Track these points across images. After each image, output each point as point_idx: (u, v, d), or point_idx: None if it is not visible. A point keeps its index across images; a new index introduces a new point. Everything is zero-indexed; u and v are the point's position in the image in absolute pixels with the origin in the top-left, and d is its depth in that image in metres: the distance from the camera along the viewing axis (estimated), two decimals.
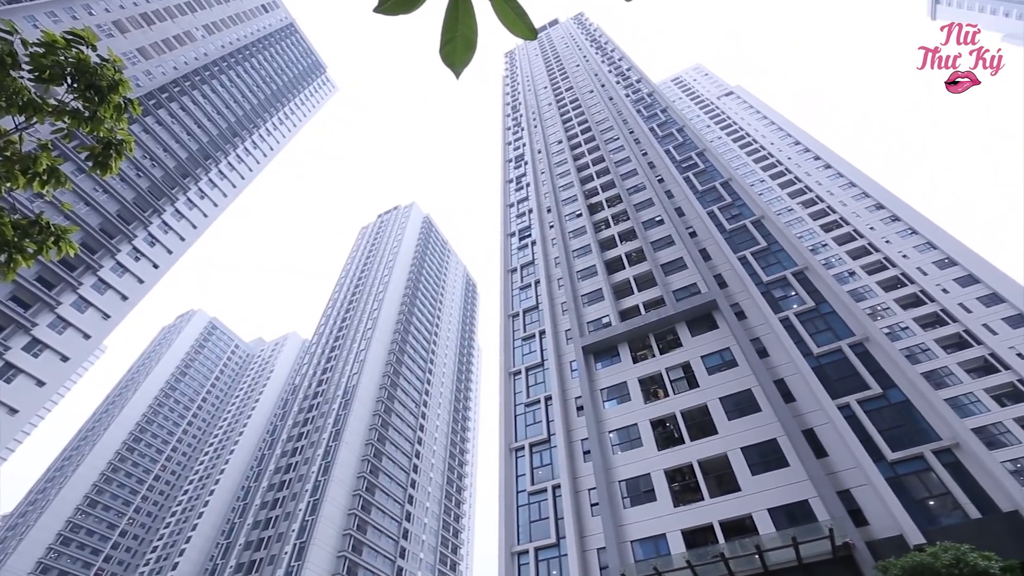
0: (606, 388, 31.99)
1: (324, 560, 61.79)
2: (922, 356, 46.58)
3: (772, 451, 24.43)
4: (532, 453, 31.47)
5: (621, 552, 23.94)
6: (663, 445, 27.58)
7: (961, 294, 49.10)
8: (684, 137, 51.88)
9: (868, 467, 21.57)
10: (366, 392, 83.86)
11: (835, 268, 57.28)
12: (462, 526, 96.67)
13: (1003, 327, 45.12)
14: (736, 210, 39.74)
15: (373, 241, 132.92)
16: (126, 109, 5.80)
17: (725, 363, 29.35)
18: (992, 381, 42.49)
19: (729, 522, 23.20)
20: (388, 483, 78.32)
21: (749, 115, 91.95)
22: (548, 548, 26.69)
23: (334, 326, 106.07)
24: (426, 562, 79.94)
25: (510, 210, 57.42)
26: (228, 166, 75.65)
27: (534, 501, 29.05)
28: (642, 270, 38.50)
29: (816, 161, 73.93)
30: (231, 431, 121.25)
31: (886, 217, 60.46)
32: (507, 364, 38.14)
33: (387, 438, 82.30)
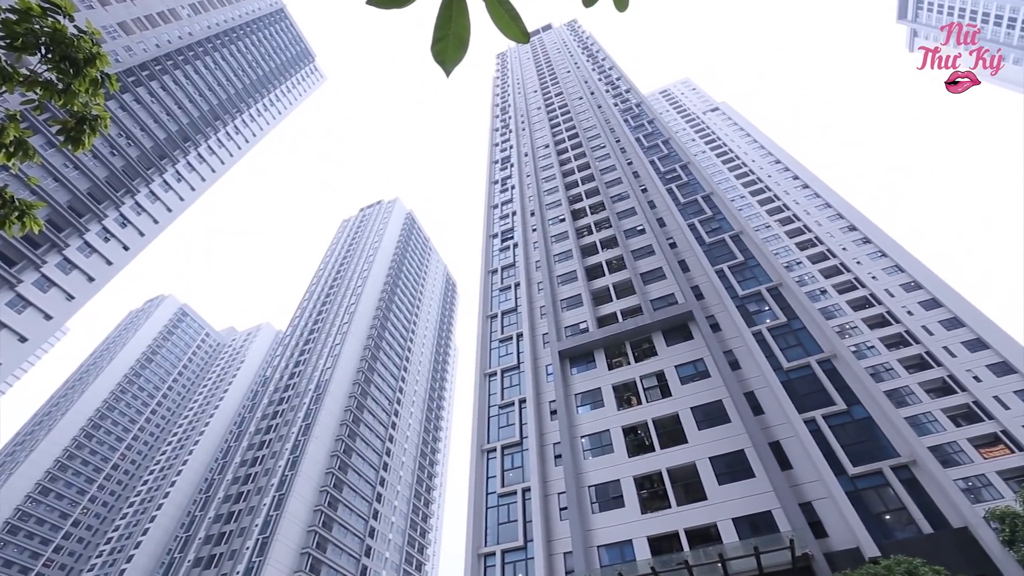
0: (580, 393, 32.19)
1: (287, 556, 60.64)
2: (886, 375, 48.08)
3: (739, 462, 24.89)
4: (504, 455, 31.45)
5: (588, 557, 24.07)
6: (634, 452, 27.86)
7: (925, 317, 50.86)
8: (669, 149, 52.64)
9: (830, 481, 22.15)
10: (339, 387, 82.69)
11: (808, 286, 58.77)
12: (430, 526, 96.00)
13: (962, 350, 46.89)
14: (716, 224, 40.46)
15: (354, 235, 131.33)
16: (103, 84, 5.61)
17: (698, 373, 29.82)
18: (949, 402, 44.13)
19: (694, 530, 23.54)
20: (357, 480, 77.31)
21: (733, 132, 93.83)
22: (515, 551, 26.69)
23: (309, 319, 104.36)
24: (392, 561, 79.11)
25: (494, 211, 57.39)
26: (208, 150, 73.87)
27: (503, 503, 29.03)
28: (621, 278, 38.87)
29: (795, 181, 75.81)
30: (196, 421, 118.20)
31: (858, 239, 62.31)
32: (483, 365, 38.07)
33: (358, 435, 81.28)
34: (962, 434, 41.91)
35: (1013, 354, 44.35)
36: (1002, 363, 44.54)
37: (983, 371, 44.79)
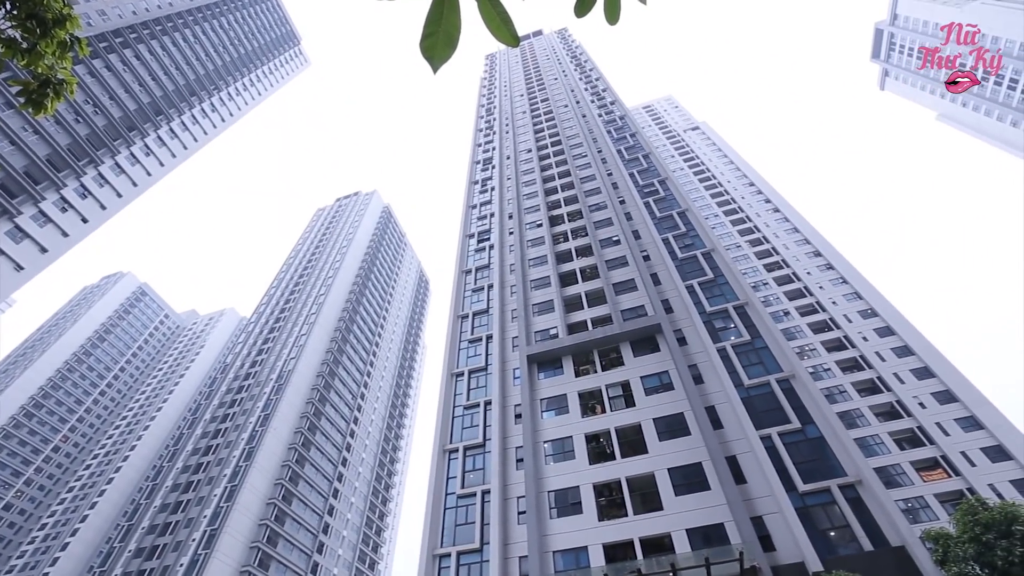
0: (546, 399, 32.32)
1: (235, 550, 58.81)
2: (839, 397, 49.95)
3: (696, 474, 25.41)
4: (466, 456, 31.30)
5: (543, 562, 24.15)
6: (595, 460, 28.12)
7: (878, 343, 53.08)
8: (649, 163, 53.54)
9: (781, 496, 22.85)
10: (302, 378, 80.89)
11: (772, 306, 60.61)
12: (386, 524, 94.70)
13: (910, 377, 49.13)
14: (689, 240, 41.32)
15: (328, 224, 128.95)
16: (71, 47, 5.35)
17: (663, 386, 30.35)
18: (896, 426, 46.15)
19: (649, 539, 23.90)
20: (314, 475, 75.68)
21: (711, 151, 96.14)
22: (471, 553, 26.56)
23: (276, 306, 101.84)
24: (344, 559, 77.65)
25: (472, 211, 57.24)
26: (181, 126, 71.40)
27: (462, 504, 28.87)
28: (594, 287, 39.27)
29: (766, 204, 78.15)
30: (148, 406, 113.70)
31: (822, 264, 64.63)
32: (451, 365, 37.84)
33: (318, 428, 79.62)
34: (905, 457, 43.87)
35: (956, 384, 46.69)
36: (945, 391, 46.84)
37: (928, 399, 47.00)
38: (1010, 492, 38.89)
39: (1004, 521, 20.78)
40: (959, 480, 41.10)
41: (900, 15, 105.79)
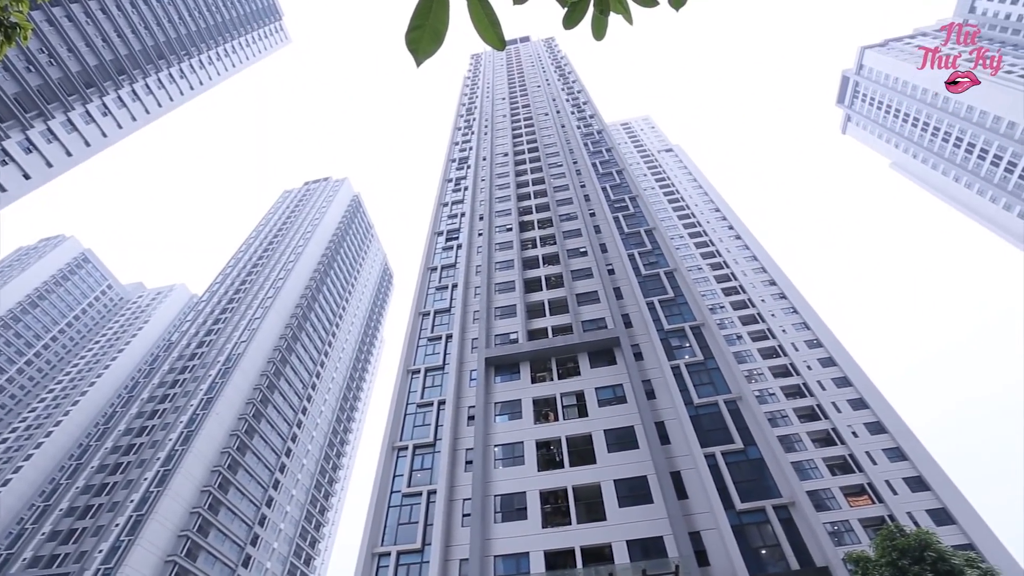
0: (501, 403, 32.33)
1: (162, 537, 55.97)
2: (781, 421, 52.10)
3: (641, 487, 25.94)
4: (415, 455, 30.90)
5: (483, 566, 24.07)
6: (544, 467, 28.31)
7: (821, 373, 55.73)
8: (621, 179, 54.57)
9: (719, 513, 23.59)
10: (252, 363, 78.09)
11: (726, 329, 62.73)
12: (326, 519, 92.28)
13: (846, 407, 51.79)
14: (654, 258, 42.29)
15: (294, 207, 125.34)
16: None
17: (616, 398, 30.86)
18: (829, 452, 48.51)
19: (590, 548, 24.20)
20: (255, 464, 73.03)
21: (682, 174, 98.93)
22: (411, 553, 26.19)
23: (231, 287, 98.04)
24: (279, 552, 75.13)
25: (443, 209, 56.84)
26: (145, 89, 67.95)
27: (406, 503, 28.46)
28: (558, 295, 39.64)
29: (730, 230, 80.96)
30: (80, 379, 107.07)
31: (776, 293, 67.39)
32: (408, 361, 37.36)
33: (264, 416, 76.97)
34: (836, 482, 46.15)
35: (886, 416, 49.51)
36: (877, 423, 49.60)
37: (861, 428, 49.65)
38: (926, 520, 41.46)
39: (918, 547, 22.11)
40: (882, 507, 43.52)
41: (866, 66, 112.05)
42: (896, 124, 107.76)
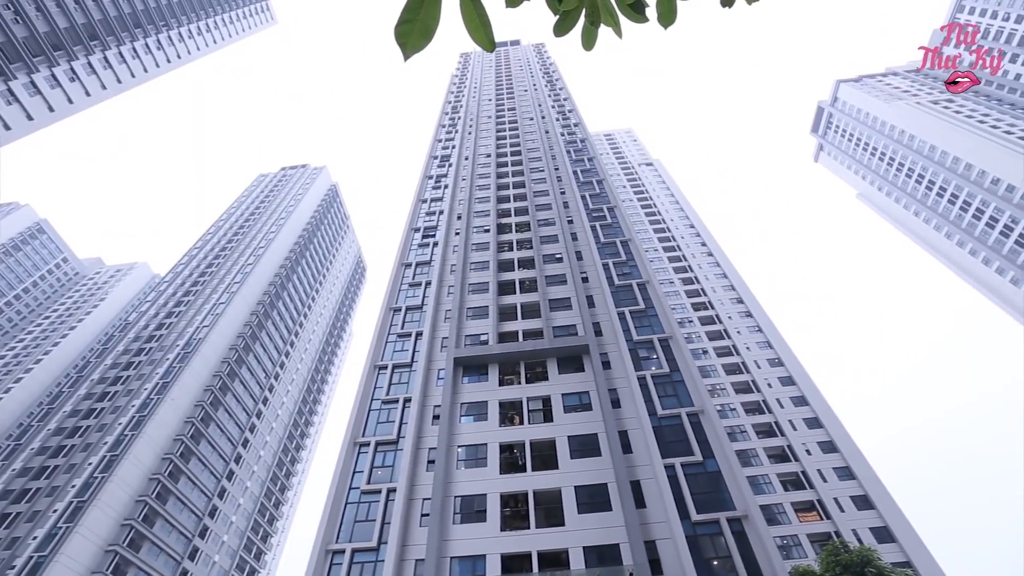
0: (467, 403, 32.23)
1: (104, 526, 53.61)
2: (740, 436, 53.47)
3: (601, 494, 26.20)
4: (376, 451, 30.48)
5: (439, 567, 23.89)
6: (506, 470, 28.31)
7: (780, 391, 57.46)
8: (601, 189, 55.21)
9: (675, 524, 24.02)
10: (213, 349, 75.74)
11: (693, 343, 64.08)
12: (281, 514, 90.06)
13: (802, 426, 53.53)
14: (627, 269, 42.90)
15: (269, 192, 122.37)
16: None
17: (582, 405, 31.14)
18: (783, 468, 50.04)
19: (547, 554, 24.30)
20: (209, 453, 70.74)
21: (660, 189, 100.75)
22: (367, 551, 25.78)
23: (197, 268, 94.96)
24: (229, 546, 72.88)
25: (422, 205, 56.42)
26: (118, 57, 65.29)
27: (365, 501, 28.02)
28: (531, 299, 39.79)
29: (702, 247, 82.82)
30: (25, 356, 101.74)
31: (743, 311, 69.22)
32: (375, 356, 36.88)
33: (223, 404, 74.70)
34: (788, 498, 47.62)
35: (839, 436, 51.38)
36: (829, 442, 51.43)
37: (814, 447, 51.39)
38: (869, 538, 43.16)
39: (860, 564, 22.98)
40: (829, 523, 45.11)
41: (840, 99, 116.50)
42: (864, 157, 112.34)
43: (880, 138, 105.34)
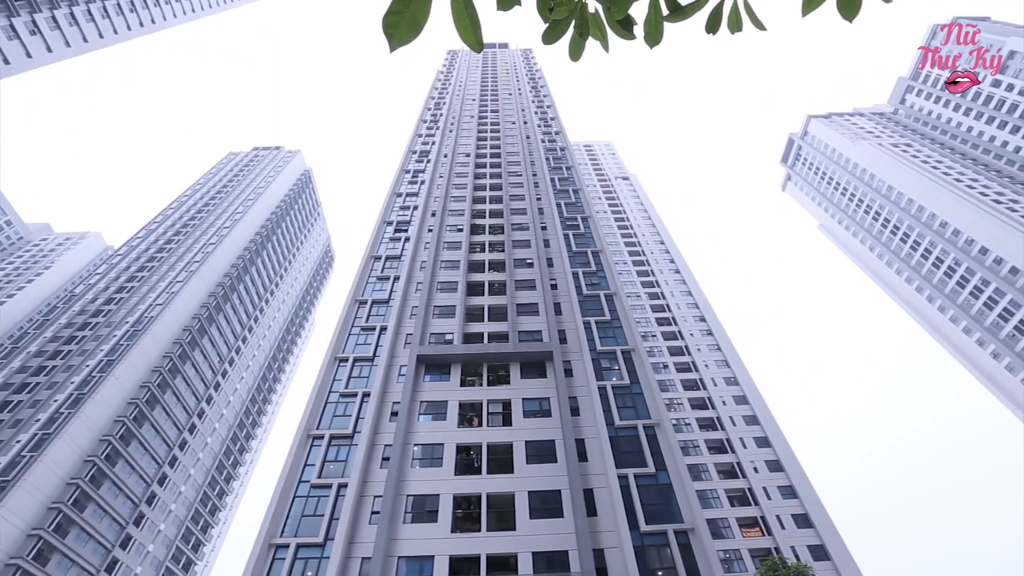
0: (427, 402, 31.95)
1: (29, 509, 50.48)
2: (692, 451, 54.79)
3: (554, 501, 26.37)
4: (330, 445, 29.82)
5: (385, 566, 23.52)
6: (461, 471, 28.17)
7: (734, 409, 59.22)
8: (577, 199, 55.83)
9: (624, 533, 24.39)
10: (165, 329, 72.60)
11: (654, 357, 65.37)
12: (224, 504, 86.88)
13: (751, 444, 55.30)
14: (596, 280, 43.47)
15: (239, 171, 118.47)
16: None
17: (541, 411, 31.32)
18: (731, 484, 51.53)
19: (496, 557, 24.26)
20: (152, 436, 67.64)
21: (635, 203, 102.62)
22: (312, 547, 25.15)
23: (154, 244, 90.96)
24: (166, 535, 69.78)
25: (396, 199, 55.75)
26: (86, 15, 62.14)
27: (314, 495, 27.36)
28: (499, 302, 39.82)
29: (671, 264, 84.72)
30: None
31: (704, 329, 71.09)
32: (337, 348, 36.14)
33: (172, 386, 71.63)
34: (733, 513, 49.06)
35: (785, 456, 53.31)
36: (776, 461, 53.28)
37: (762, 465, 53.15)
38: (806, 555, 44.88)
39: None
40: (770, 539, 46.69)
41: (810, 132, 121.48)
42: (828, 190, 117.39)
43: (843, 174, 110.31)
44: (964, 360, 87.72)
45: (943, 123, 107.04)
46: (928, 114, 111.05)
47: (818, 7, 3.26)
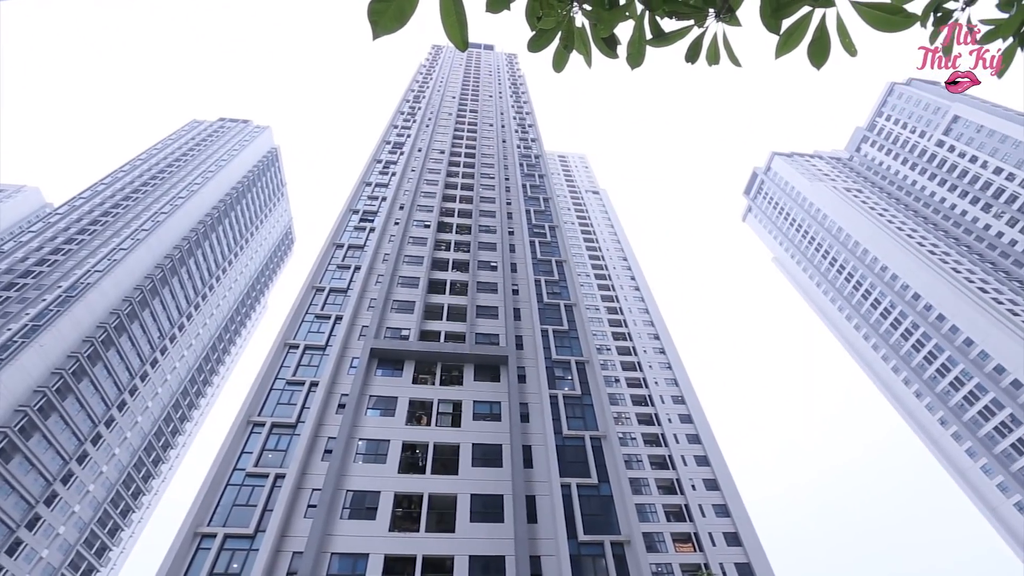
0: (376, 396, 31.37)
1: None
2: (635, 465, 55.99)
3: (495, 505, 26.35)
4: (270, 434, 28.78)
5: (317, 562, 22.84)
6: (405, 469, 27.77)
7: (679, 427, 60.95)
8: (547, 207, 56.35)
9: (562, 542, 24.62)
10: (102, 298, 68.34)
11: (607, 370, 66.54)
12: (149, 487, 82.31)
13: (692, 461, 57.04)
14: (558, 289, 43.95)
15: (201, 140, 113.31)
16: None
17: (491, 415, 31.29)
18: (670, 500, 52.95)
19: (432, 559, 23.99)
20: (76, 412, 63.39)
21: (602, 218, 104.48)
22: (240, 538, 24.14)
23: (100, 206, 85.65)
24: (81, 517, 65.43)
25: (365, 188, 54.70)
26: None
27: (248, 484, 26.30)
28: (459, 302, 39.63)
29: (631, 280, 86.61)
30: None
31: (657, 347, 72.95)
32: (288, 333, 35.01)
33: (103, 359, 67.40)
34: (669, 528, 50.41)
35: (722, 475, 55.24)
36: (713, 480, 55.13)
37: (699, 483, 54.87)
38: (733, 572, 46.62)
39: None
40: (701, 555, 48.21)
41: (773, 168, 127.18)
42: (784, 225, 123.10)
43: (799, 211, 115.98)
44: (891, 397, 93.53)
45: (891, 174, 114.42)
46: (879, 164, 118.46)
47: (791, 51, 3.43)
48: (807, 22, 3.29)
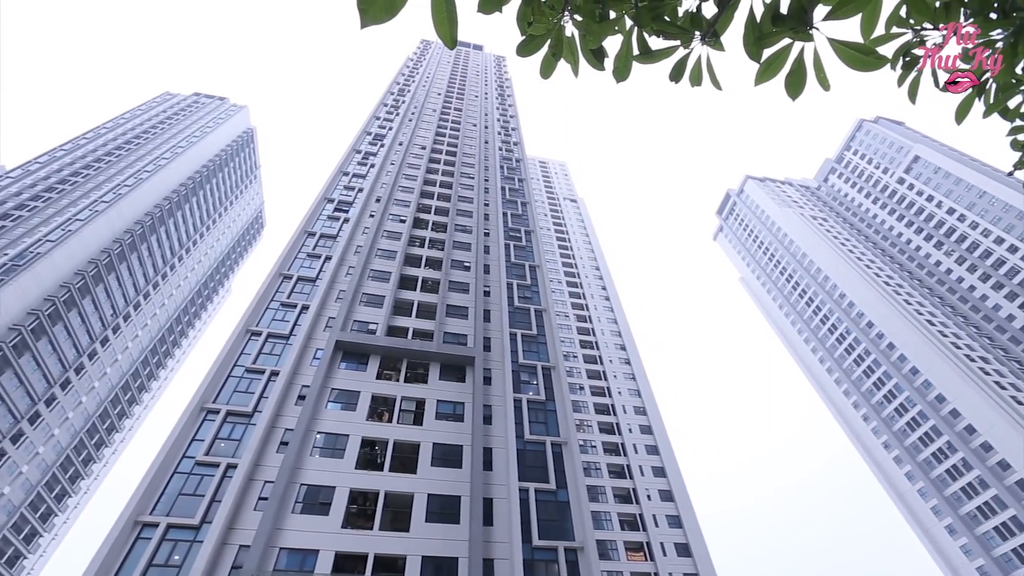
0: (338, 390, 30.79)
1: None
2: (594, 472, 56.56)
3: (452, 506, 26.19)
4: (224, 422, 27.87)
5: (265, 556, 22.21)
6: (363, 465, 27.32)
7: (639, 438, 61.91)
8: (524, 211, 56.55)
9: (516, 546, 24.64)
10: (53, 270, 64.97)
11: (572, 377, 67.11)
12: (89, 471, 78.46)
13: (648, 472, 58.01)
14: (529, 294, 44.10)
15: (173, 113, 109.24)
16: None
17: (454, 415, 31.12)
18: (625, 509, 53.70)
19: (384, 558, 23.65)
20: (14, 388, 59.96)
21: (578, 226, 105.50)
22: (184, 529, 23.25)
23: (57, 172, 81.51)
24: (10, 500, 61.81)
25: (342, 177, 53.79)
26: None
27: (197, 472, 25.38)
28: (429, 300, 39.33)
29: (602, 290, 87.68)
30: None
31: (623, 358, 74.00)
32: (251, 320, 34.02)
33: (49, 334, 64.01)
34: (622, 537, 51.10)
35: (677, 486, 56.36)
36: (668, 491, 56.19)
37: (655, 493, 55.85)
38: None
39: None
40: (651, 565, 49.02)
41: (745, 191, 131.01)
42: (752, 247, 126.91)
43: (768, 235, 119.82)
44: (840, 419, 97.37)
45: (855, 206, 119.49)
46: (845, 196, 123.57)
47: (769, 79, 3.55)
48: (786, 54, 3.41)
